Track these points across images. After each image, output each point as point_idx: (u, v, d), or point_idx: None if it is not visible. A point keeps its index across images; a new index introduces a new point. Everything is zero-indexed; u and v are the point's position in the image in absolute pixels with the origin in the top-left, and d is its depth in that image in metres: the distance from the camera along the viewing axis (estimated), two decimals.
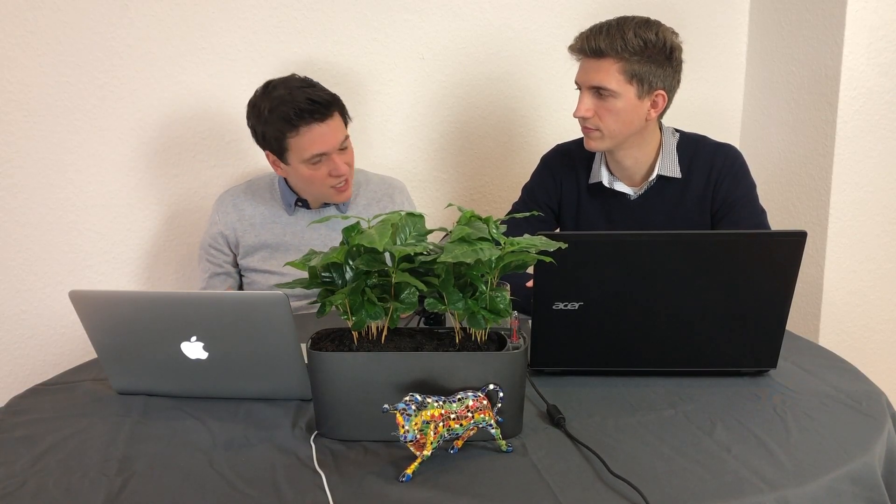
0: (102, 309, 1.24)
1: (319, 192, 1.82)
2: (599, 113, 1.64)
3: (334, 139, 1.74)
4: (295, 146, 1.72)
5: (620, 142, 1.68)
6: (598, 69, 1.62)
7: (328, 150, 1.73)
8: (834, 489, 1.01)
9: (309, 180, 1.78)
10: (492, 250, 1.05)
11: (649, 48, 1.59)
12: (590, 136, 1.68)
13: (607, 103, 1.63)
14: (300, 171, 1.76)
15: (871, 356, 2.18)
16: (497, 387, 1.07)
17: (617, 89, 1.61)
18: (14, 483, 1.03)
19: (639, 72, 1.60)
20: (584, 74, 1.65)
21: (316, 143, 1.71)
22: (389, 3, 2.17)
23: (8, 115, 1.99)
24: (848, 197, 2.08)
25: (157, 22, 2.04)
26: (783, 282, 1.27)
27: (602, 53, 1.60)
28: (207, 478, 1.03)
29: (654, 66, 1.61)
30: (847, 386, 1.29)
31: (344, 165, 1.76)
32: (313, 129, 1.71)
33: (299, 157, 1.73)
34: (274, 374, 1.25)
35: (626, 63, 1.59)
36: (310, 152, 1.72)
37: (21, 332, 2.11)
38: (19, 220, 2.05)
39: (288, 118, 1.69)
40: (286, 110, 1.69)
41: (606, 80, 1.61)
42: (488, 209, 2.34)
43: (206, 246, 1.93)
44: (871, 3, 1.98)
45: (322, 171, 1.76)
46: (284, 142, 1.72)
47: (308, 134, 1.71)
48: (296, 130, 1.70)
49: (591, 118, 1.65)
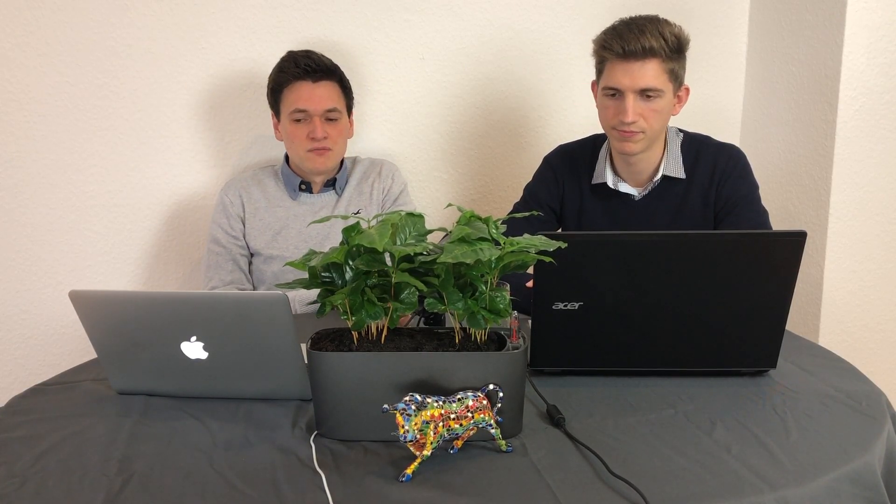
0: (102, 309, 1.23)
1: (298, 155, 1.92)
2: (645, 114, 1.63)
3: (319, 103, 1.88)
4: (285, 98, 1.90)
5: (654, 141, 1.69)
6: (645, 71, 1.60)
7: (309, 110, 1.88)
8: (834, 489, 1.01)
9: (290, 137, 1.91)
10: (492, 250, 1.05)
11: (681, 43, 1.62)
12: (633, 139, 1.65)
13: (653, 104, 1.62)
14: (286, 128, 1.92)
15: (871, 356, 2.18)
16: (497, 387, 1.07)
17: (663, 88, 1.61)
18: (14, 483, 1.03)
19: (675, 68, 1.62)
20: (630, 78, 1.60)
21: (301, 99, 1.88)
22: (389, 3, 2.17)
23: (8, 115, 1.99)
24: (848, 197, 2.08)
25: (157, 22, 2.04)
26: (783, 282, 1.27)
27: (653, 53, 1.59)
28: (207, 478, 1.03)
29: (682, 60, 1.64)
30: (847, 386, 1.29)
31: (321, 130, 1.88)
32: (303, 86, 1.88)
33: (287, 111, 1.90)
34: (274, 374, 1.25)
35: (667, 62, 1.61)
36: (294, 106, 1.88)
37: (21, 332, 2.11)
38: (20, 220, 2.05)
39: (286, 69, 1.89)
40: (288, 63, 1.90)
41: (655, 81, 1.60)
42: (488, 209, 2.34)
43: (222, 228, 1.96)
44: (871, 3, 1.98)
45: (302, 131, 1.89)
46: (280, 93, 1.91)
47: (298, 90, 1.88)
48: (289, 83, 1.89)
49: (638, 121, 1.63)
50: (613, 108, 1.65)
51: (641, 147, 1.67)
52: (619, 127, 1.65)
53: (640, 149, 1.68)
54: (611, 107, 1.66)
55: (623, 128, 1.64)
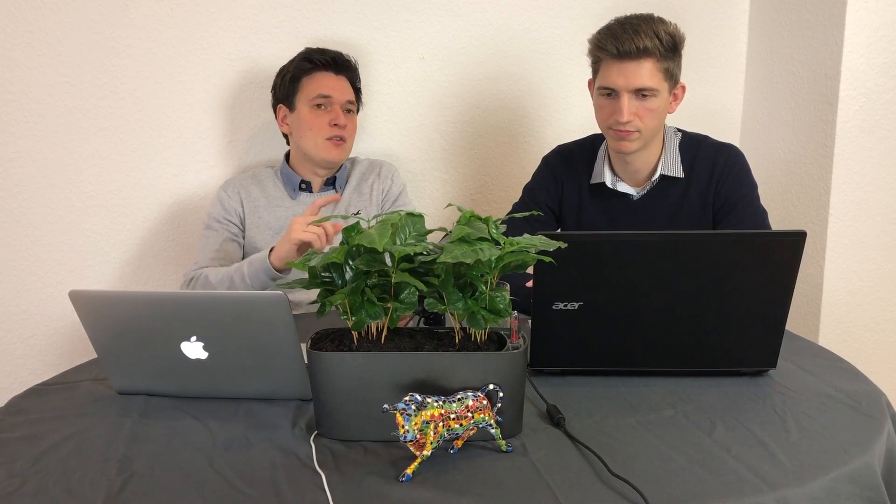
0: (102, 309, 1.23)
1: (315, 143, 1.92)
2: (640, 114, 1.63)
3: (342, 92, 1.95)
4: (306, 86, 1.92)
5: (650, 140, 1.68)
6: (640, 71, 1.60)
7: (333, 95, 1.92)
8: (834, 489, 1.01)
9: (308, 126, 1.91)
10: (491, 250, 1.05)
11: (675, 42, 1.61)
12: (629, 138, 1.66)
13: (648, 103, 1.62)
14: (303, 116, 1.92)
15: (871, 356, 2.18)
16: (497, 387, 1.07)
17: (658, 88, 1.62)
18: (14, 483, 1.02)
19: (670, 67, 1.62)
20: (625, 78, 1.61)
21: (325, 86, 1.92)
22: (389, 3, 2.17)
23: (8, 115, 1.99)
24: (848, 197, 2.08)
25: (157, 22, 2.04)
26: (783, 282, 1.27)
27: (648, 53, 1.59)
28: (207, 478, 1.03)
29: (678, 59, 1.64)
30: (847, 386, 1.29)
31: (344, 117, 1.92)
32: (327, 75, 1.94)
33: (306, 98, 1.92)
34: (274, 374, 1.25)
35: (662, 61, 1.60)
36: (317, 91, 1.91)
37: (21, 332, 2.11)
38: (20, 220, 2.05)
39: (308, 58, 1.94)
40: (311, 53, 1.96)
41: (650, 81, 1.60)
42: (488, 209, 2.34)
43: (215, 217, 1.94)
44: (871, 3, 1.98)
45: (323, 119, 1.91)
46: (299, 82, 1.93)
47: (320, 79, 1.93)
48: (311, 73, 1.93)
49: (633, 121, 1.64)
50: (609, 108, 1.65)
51: (637, 146, 1.68)
52: (615, 126, 1.65)
53: (636, 147, 1.68)
54: (606, 106, 1.66)
55: (619, 127, 1.64)
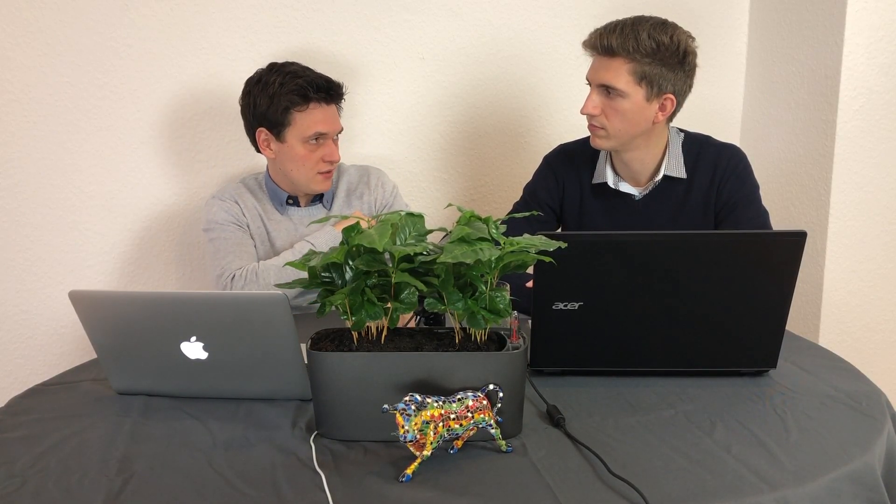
0: (102, 309, 1.24)
1: (306, 177, 1.82)
2: (606, 112, 1.64)
3: (336, 125, 1.82)
4: (300, 121, 1.76)
5: (625, 142, 1.68)
6: (608, 68, 1.61)
7: (329, 132, 1.80)
8: (834, 489, 1.01)
9: (301, 161, 1.79)
10: (491, 250, 1.05)
11: (661, 51, 1.58)
12: (595, 133, 1.68)
13: (615, 103, 1.62)
14: (295, 151, 1.78)
15: (871, 356, 2.18)
16: (497, 387, 1.07)
17: (625, 89, 1.60)
18: (14, 483, 1.03)
19: (649, 74, 1.59)
20: (594, 72, 1.64)
21: (321, 122, 1.77)
22: (389, 3, 2.17)
23: (8, 115, 1.99)
24: (848, 197, 2.08)
25: (157, 22, 2.04)
26: (783, 282, 1.27)
27: (613, 52, 1.59)
28: (207, 478, 1.03)
29: (665, 69, 1.59)
30: (847, 386, 1.29)
31: (337, 153, 1.82)
32: (322, 108, 1.78)
33: (300, 134, 1.77)
34: (274, 374, 1.25)
35: (636, 64, 1.58)
36: (313, 130, 1.77)
37: (21, 332, 2.11)
38: (20, 220, 2.05)
39: (303, 91, 1.74)
40: (302, 83, 1.74)
41: (615, 80, 1.60)
42: (488, 209, 2.34)
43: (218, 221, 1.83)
44: (871, 3, 1.98)
45: (317, 154, 1.80)
46: (290, 115, 1.76)
47: (317, 111, 1.77)
48: (306, 105, 1.76)
49: (597, 116, 1.65)
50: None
51: (609, 145, 1.68)
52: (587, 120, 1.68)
53: (606, 146, 1.69)
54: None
55: (588, 120, 1.67)
